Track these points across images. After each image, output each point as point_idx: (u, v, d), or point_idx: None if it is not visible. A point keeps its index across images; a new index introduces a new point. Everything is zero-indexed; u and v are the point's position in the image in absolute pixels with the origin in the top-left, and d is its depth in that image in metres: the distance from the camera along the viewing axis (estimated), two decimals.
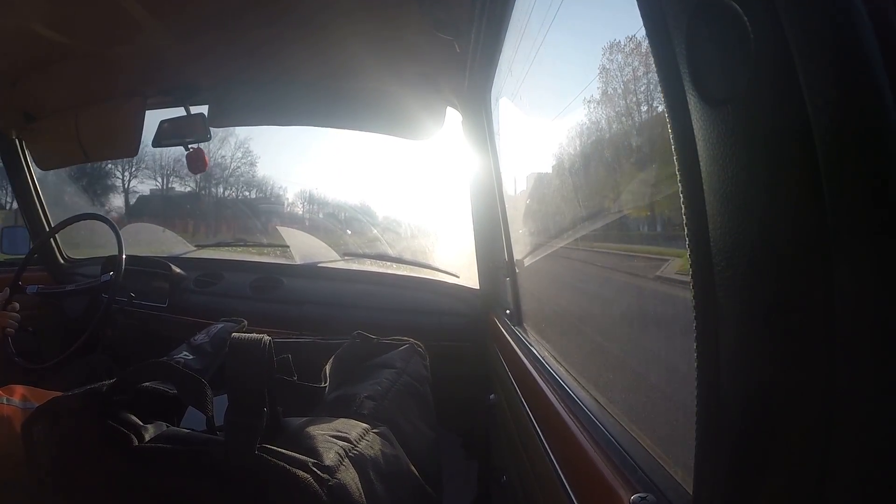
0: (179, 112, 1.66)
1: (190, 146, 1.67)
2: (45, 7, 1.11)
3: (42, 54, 1.33)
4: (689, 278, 0.29)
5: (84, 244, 2.13)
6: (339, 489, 0.62)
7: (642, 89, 0.68)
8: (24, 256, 1.74)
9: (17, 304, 1.49)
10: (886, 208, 0.20)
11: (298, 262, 1.83)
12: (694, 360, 0.30)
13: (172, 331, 1.61)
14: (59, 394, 0.75)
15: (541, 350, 0.94)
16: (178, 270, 1.79)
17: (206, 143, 1.71)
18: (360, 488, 0.65)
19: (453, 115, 1.47)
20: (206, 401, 0.68)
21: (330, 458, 0.64)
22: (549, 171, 1.10)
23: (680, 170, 0.29)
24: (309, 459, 0.63)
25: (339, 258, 1.88)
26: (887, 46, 0.20)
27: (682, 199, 0.29)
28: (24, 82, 1.50)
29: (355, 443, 0.70)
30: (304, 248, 1.88)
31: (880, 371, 0.21)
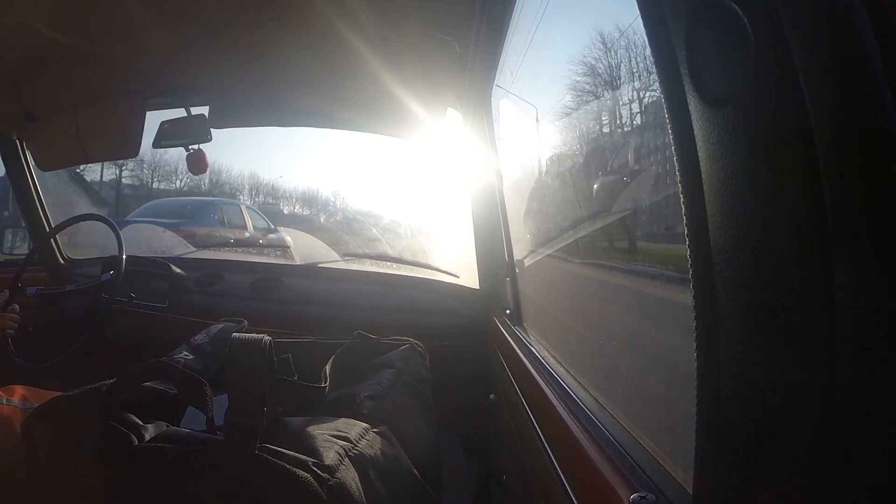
0: (180, 113, 1.66)
1: (190, 147, 1.67)
2: (45, 6, 1.11)
3: (42, 54, 1.33)
4: (689, 278, 0.29)
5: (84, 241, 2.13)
6: (338, 488, 0.62)
7: (642, 89, 0.68)
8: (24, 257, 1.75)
9: (17, 306, 1.49)
10: (886, 208, 0.20)
11: (298, 263, 1.83)
12: (694, 360, 0.30)
13: (172, 331, 1.61)
14: (59, 394, 0.75)
15: (541, 350, 0.94)
16: (177, 271, 1.79)
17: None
18: (360, 488, 0.65)
19: (453, 116, 1.47)
20: (206, 401, 0.68)
21: (330, 457, 0.64)
22: (550, 170, 1.10)
23: (680, 170, 0.29)
24: (309, 459, 0.63)
25: (339, 258, 1.88)
26: (887, 46, 0.20)
27: (682, 199, 0.29)
28: (24, 82, 1.50)
29: (355, 442, 0.70)
30: (304, 248, 1.88)
31: (880, 371, 0.21)
